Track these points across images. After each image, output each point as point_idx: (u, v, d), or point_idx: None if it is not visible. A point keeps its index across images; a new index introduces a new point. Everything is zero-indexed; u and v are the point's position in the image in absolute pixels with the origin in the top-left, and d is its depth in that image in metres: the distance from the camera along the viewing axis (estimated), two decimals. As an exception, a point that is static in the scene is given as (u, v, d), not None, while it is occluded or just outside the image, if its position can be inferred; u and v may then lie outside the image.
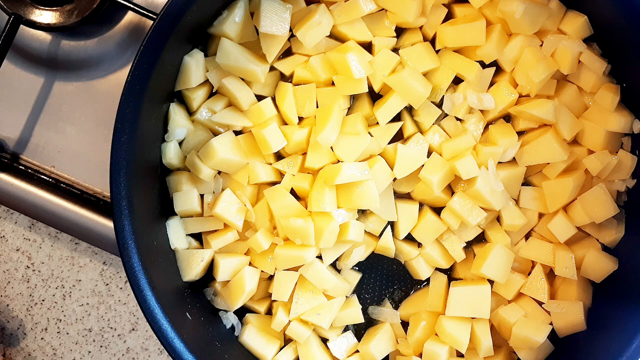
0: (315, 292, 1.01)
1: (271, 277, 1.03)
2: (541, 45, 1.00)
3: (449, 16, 1.02)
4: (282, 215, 0.99)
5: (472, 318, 1.01)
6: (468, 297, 1.00)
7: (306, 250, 0.98)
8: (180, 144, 1.00)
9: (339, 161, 1.00)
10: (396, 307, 1.06)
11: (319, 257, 1.01)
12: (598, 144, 0.99)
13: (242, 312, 1.04)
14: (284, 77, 1.03)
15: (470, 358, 1.02)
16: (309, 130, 1.00)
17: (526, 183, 1.03)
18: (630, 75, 0.97)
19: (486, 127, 1.03)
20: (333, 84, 1.01)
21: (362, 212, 1.03)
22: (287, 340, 1.04)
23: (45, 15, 1.07)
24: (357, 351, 1.04)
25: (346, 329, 1.06)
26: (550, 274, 1.03)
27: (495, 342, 1.01)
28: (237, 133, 1.01)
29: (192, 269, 0.99)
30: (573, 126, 1.00)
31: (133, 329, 1.14)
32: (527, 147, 1.00)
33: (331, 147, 0.99)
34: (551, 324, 1.00)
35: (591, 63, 0.98)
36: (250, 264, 1.02)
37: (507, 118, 1.04)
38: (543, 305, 1.00)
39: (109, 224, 1.08)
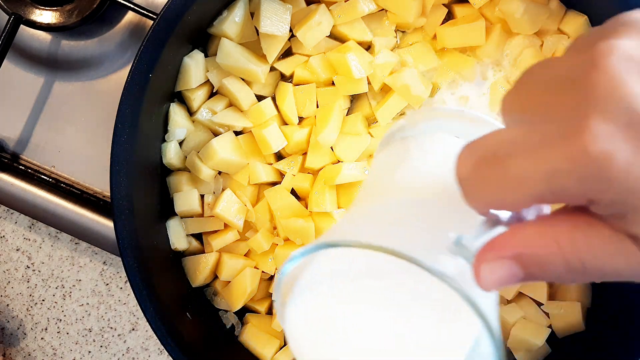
0: (315, 292, 1.01)
1: (272, 277, 1.03)
2: (541, 45, 1.00)
3: (449, 16, 1.02)
4: (282, 215, 0.99)
5: (472, 318, 1.01)
6: (468, 297, 1.00)
7: (306, 251, 0.98)
8: (180, 144, 1.00)
9: (339, 161, 1.00)
10: (396, 307, 1.06)
11: (319, 257, 1.01)
12: (598, 144, 0.99)
13: (242, 312, 1.04)
14: (284, 77, 1.03)
15: (470, 358, 1.02)
16: (309, 130, 1.00)
17: (526, 183, 1.03)
18: (630, 76, 0.97)
19: (486, 127, 1.03)
20: (333, 84, 1.01)
21: (362, 212, 1.03)
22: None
23: (45, 15, 1.07)
24: (357, 351, 1.04)
25: (346, 329, 1.06)
26: (550, 274, 1.02)
27: (494, 341, 1.01)
28: (237, 133, 1.01)
29: (200, 274, 0.99)
30: (573, 126, 0.99)
31: (133, 329, 1.14)
32: (527, 147, 1.00)
33: (331, 147, 0.99)
34: (550, 326, 1.00)
35: (591, 63, 0.98)
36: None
37: (507, 118, 1.04)
38: (542, 307, 1.00)
39: (109, 224, 1.08)
